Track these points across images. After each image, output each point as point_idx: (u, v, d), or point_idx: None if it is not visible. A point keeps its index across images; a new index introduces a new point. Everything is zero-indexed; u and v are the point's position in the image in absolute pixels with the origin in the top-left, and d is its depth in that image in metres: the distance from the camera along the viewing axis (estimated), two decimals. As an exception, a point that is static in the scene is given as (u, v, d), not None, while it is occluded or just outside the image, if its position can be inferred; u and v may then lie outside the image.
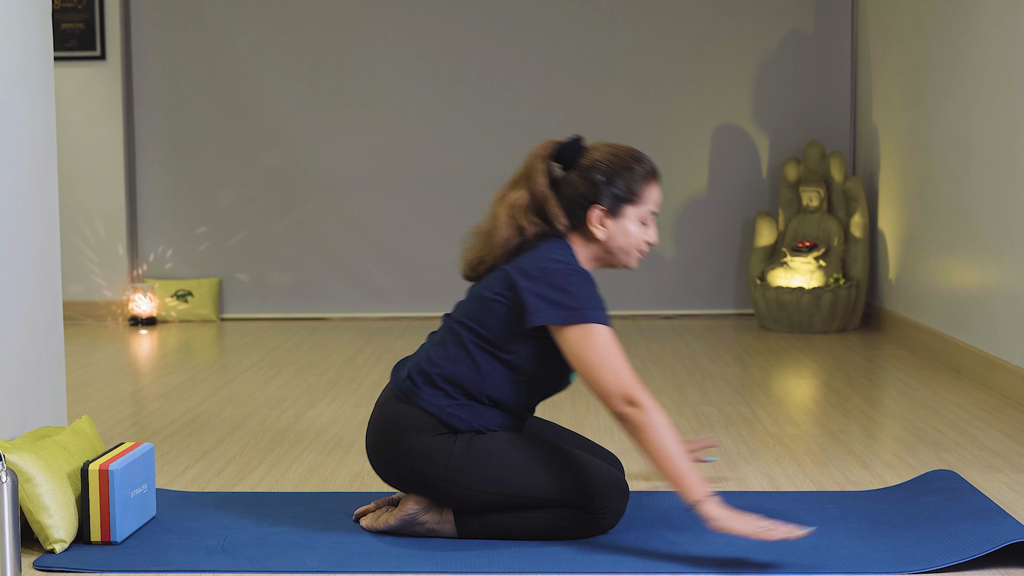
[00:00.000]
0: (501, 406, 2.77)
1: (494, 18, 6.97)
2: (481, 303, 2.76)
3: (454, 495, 2.73)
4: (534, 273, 2.69)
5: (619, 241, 2.78)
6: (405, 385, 2.78)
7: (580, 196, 2.76)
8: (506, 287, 2.72)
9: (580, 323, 2.62)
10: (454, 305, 2.91)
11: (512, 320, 2.70)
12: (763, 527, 2.52)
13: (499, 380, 2.74)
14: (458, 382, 2.74)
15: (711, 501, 2.55)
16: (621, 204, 2.76)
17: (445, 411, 2.73)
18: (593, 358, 2.61)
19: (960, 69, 5.09)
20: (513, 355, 2.72)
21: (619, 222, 2.77)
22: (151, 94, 7.03)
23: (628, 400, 2.58)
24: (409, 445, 2.73)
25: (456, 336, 2.78)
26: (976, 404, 4.36)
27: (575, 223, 2.78)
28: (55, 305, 3.15)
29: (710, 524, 2.54)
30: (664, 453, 2.55)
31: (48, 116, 3.12)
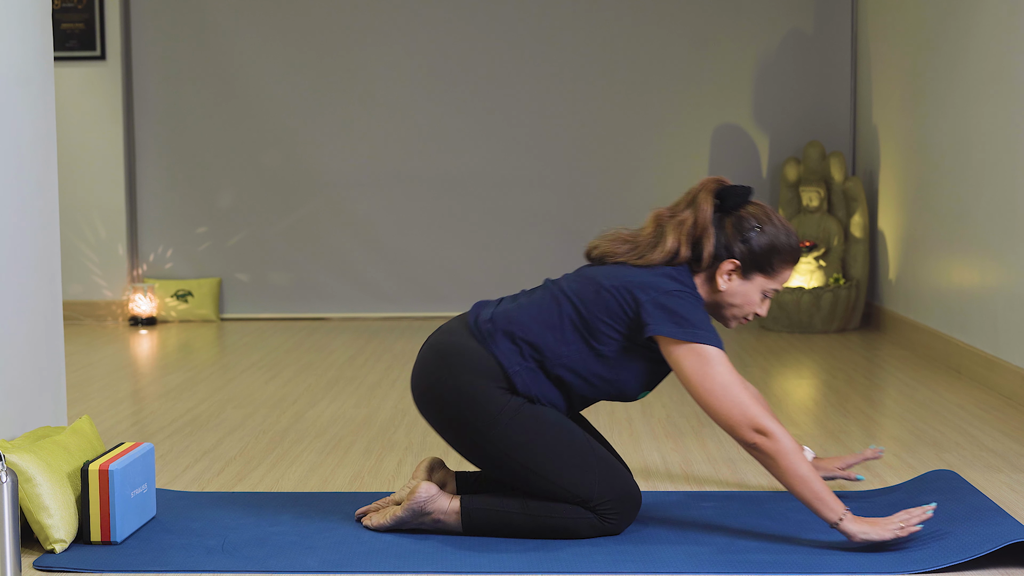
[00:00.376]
0: (565, 388, 2.77)
1: (494, 18, 6.97)
2: (595, 289, 2.75)
3: (481, 449, 2.74)
4: (660, 286, 2.70)
5: (735, 300, 2.80)
6: (485, 327, 2.79)
7: (724, 243, 2.77)
8: (627, 291, 2.72)
9: (696, 342, 2.63)
10: (561, 275, 2.89)
11: (618, 319, 2.71)
12: (902, 525, 2.57)
13: (577, 363, 2.74)
14: (538, 347, 2.74)
15: (848, 518, 2.59)
16: (755, 270, 2.78)
17: (513, 367, 2.74)
18: (714, 386, 2.62)
19: (960, 69, 5.09)
20: (603, 347, 2.73)
21: (745, 284, 2.79)
22: (151, 94, 7.03)
23: (756, 429, 2.60)
24: (465, 383, 2.74)
25: (556, 304, 2.77)
26: (976, 404, 4.36)
27: (707, 263, 2.79)
28: (55, 305, 3.15)
29: (852, 539, 2.59)
30: (799, 479, 2.59)
31: (48, 116, 3.12)
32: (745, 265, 2.77)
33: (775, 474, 2.62)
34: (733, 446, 3.75)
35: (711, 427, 4.03)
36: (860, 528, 2.59)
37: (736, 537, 2.78)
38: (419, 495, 2.78)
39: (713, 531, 2.82)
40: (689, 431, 3.97)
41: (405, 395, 4.66)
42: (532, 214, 7.04)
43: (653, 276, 2.73)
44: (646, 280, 2.72)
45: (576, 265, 7.03)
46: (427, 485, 2.79)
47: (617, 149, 7.00)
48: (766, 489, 3.24)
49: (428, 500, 2.78)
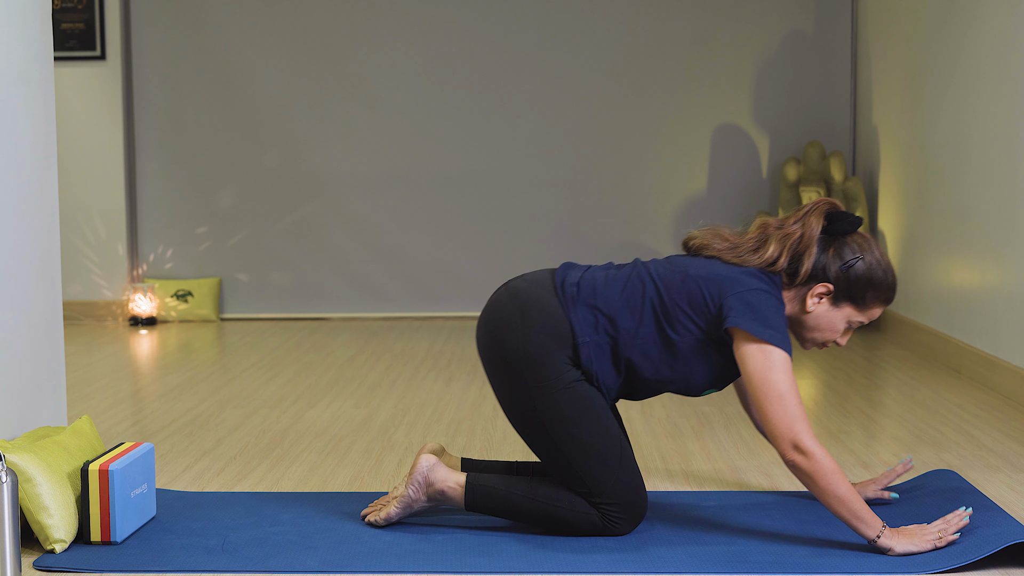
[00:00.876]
0: (632, 372, 2.76)
1: (494, 18, 6.97)
2: (682, 277, 2.75)
3: (522, 406, 2.75)
4: (748, 284, 2.71)
5: (818, 324, 2.79)
6: (570, 290, 2.78)
7: (823, 264, 2.76)
8: (714, 283, 2.72)
9: (768, 343, 2.63)
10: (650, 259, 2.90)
11: (699, 310, 2.71)
12: (940, 535, 2.59)
13: (649, 347, 2.74)
14: (615, 324, 2.74)
15: (885, 533, 2.60)
16: (847, 299, 2.77)
17: (583, 338, 2.74)
18: (771, 392, 2.62)
19: (960, 69, 5.09)
20: (677, 336, 2.72)
21: (832, 311, 2.78)
22: (151, 94, 7.03)
23: (796, 446, 2.60)
24: (533, 338, 2.74)
25: (641, 285, 2.77)
26: (976, 404, 4.36)
27: (802, 280, 2.78)
28: (55, 305, 3.15)
29: (890, 553, 2.60)
30: (835, 498, 2.59)
31: (48, 116, 3.12)
32: (838, 291, 2.76)
33: (813, 492, 2.62)
34: (732, 446, 3.75)
35: (711, 427, 4.03)
36: (899, 543, 2.60)
37: (736, 537, 2.78)
38: (421, 465, 2.82)
39: (713, 531, 2.82)
40: (689, 431, 3.97)
41: (405, 395, 4.66)
42: (532, 214, 7.04)
43: (743, 274, 2.74)
44: (735, 276, 2.73)
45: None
46: (427, 456, 2.83)
47: (617, 149, 7.00)
48: (766, 489, 3.24)
49: (430, 469, 2.81)
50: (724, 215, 6.95)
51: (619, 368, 2.76)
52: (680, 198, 6.97)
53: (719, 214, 6.94)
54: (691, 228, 2.96)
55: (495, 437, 3.92)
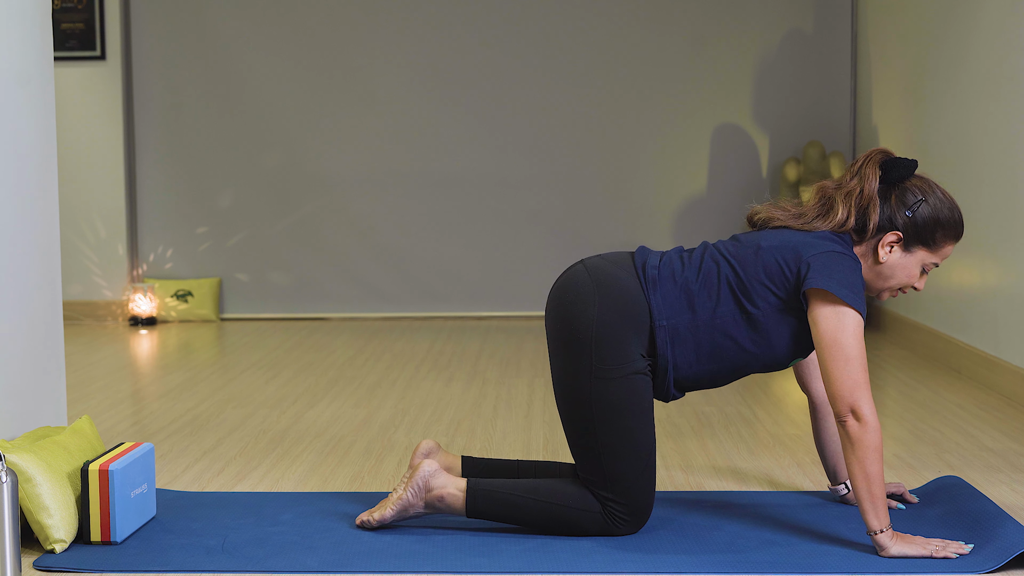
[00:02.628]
0: (719, 356, 2.75)
1: (494, 18, 6.97)
2: (754, 251, 2.75)
3: (573, 381, 2.74)
4: (824, 247, 2.70)
5: (894, 272, 2.78)
6: (651, 272, 2.78)
7: (889, 214, 2.76)
8: (790, 250, 2.71)
9: (845, 303, 2.62)
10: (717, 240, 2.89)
11: (776, 279, 2.71)
12: (936, 548, 2.59)
13: (731, 325, 2.73)
14: (693, 305, 2.74)
15: (888, 533, 2.61)
16: (918, 242, 2.77)
17: (661, 320, 2.73)
18: (839, 353, 2.61)
19: (960, 69, 5.09)
20: (757, 310, 2.72)
21: (906, 256, 2.78)
22: (151, 94, 7.03)
23: (854, 411, 2.60)
24: (607, 319, 2.73)
25: (715, 265, 2.76)
26: (976, 404, 4.36)
27: (872, 234, 2.78)
28: (55, 305, 3.15)
29: (882, 553, 2.61)
30: (865, 474, 2.59)
31: (48, 116, 3.12)
32: (908, 237, 2.75)
33: (847, 458, 2.61)
34: (733, 447, 3.75)
35: (711, 427, 4.03)
36: (895, 545, 2.60)
37: (736, 537, 2.78)
38: (422, 471, 2.81)
39: (713, 531, 2.82)
40: (689, 431, 3.96)
41: (405, 395, 4.66)
42: (532, 214, 7.04)
43: (816, 238, 2.74)
44: (809, 240, 2.73)
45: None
46: (428, 462, 2.82)
47: (617, 149, 7.00)
48: (766, 489, 3.24)
49: (431, 475, 2.80)
50: (724, 215, 6.95)
51: (700, 353, 2.75)
52: (680, 198, 6.97)
53: (719, 214, 6.95)
54: (691, 228, 2.97)
55: (495, 437, 3.92)
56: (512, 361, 5.48)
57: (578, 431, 2.77)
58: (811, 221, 2.80)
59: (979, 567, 2.53)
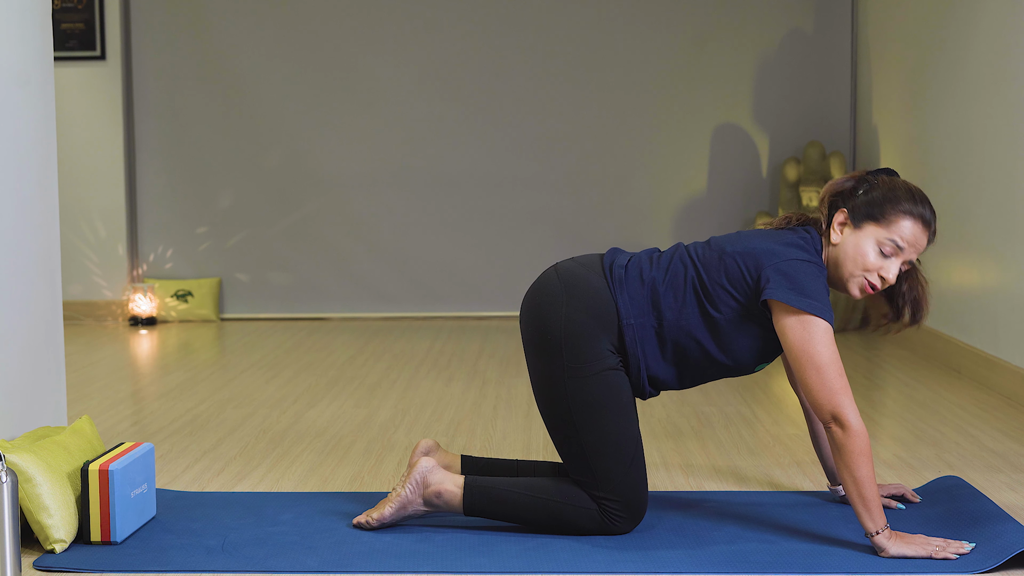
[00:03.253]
0: (680, 355, 2.76)
1: (494, 18, 6.97)
2: (719, 255, 2.76)
3: (549, 383, 2.75)
4: (784, 254, 2.70)
5: (847, 254, 2.74)
6: (618, 272, 2.79)
7: (840, 196, 2.77)
8: (750, 256, 2.72)
9: (808, 312, 2.62)
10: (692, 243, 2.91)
11: (737, 285, 2.71)
12: (936, 548, 2.59)
13: (695, 328, 2.73)
14: (659, 307, 2.75)
15: (885, 533, 2.61)
16: (865, 218, 2.73)
17: (628, 319, 2.74)
18: (812, 362, 2.61)
19: (960, 69, 5.09)
20: (719, 314, 2.72)
21: (855, 234, 2.74)
22: (151, 94, 7.03)
23: (835, 418, 2.60)
24: (577, 319, 2.75)
25: (683, 267, 2.78)
26: (976, 404, 4.36)
27: (826, 219, 2.79)
28: (55, 305, 3.15)
29: (882, 553, 2.61)
30: (856, 479, 2.59)
31: (48, 116, 3.12)
32: (855, 214, 2.74)
33: (836, 464, 2.62)
34: (732, 446, 3.75)
35: (711, 427, 4.03)
36: (894, 545, 2.60)
37: (736, 537, 2.78)
38: (420, 467, 2.82)
39: (713, 531, 2.82)
40: (689, 431, 3.96)
41: (405, 395, 4.66)
42: (532, 214, 7.04)
43: (779, 244, 2.74)
44: (772, 248, 2.73)
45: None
46: (426, 459, 2.84)
47: (617, 149, 7.00)
48: (766, 489, 3.24)
49: (429, 471, 2.81)
50: (724, 215, 6.95)
51: (665, 352, 2.76)
52: (680, 198, 6.97)
53: (719, 214, 6.95)
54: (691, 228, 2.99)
55: (495, 437, 3.92)
56: (512, 361, 5.48)
57: (561, 433, 2.78)
58: (778, 224, 2.85)
59: (979, 567, 2.53)
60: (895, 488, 3.04)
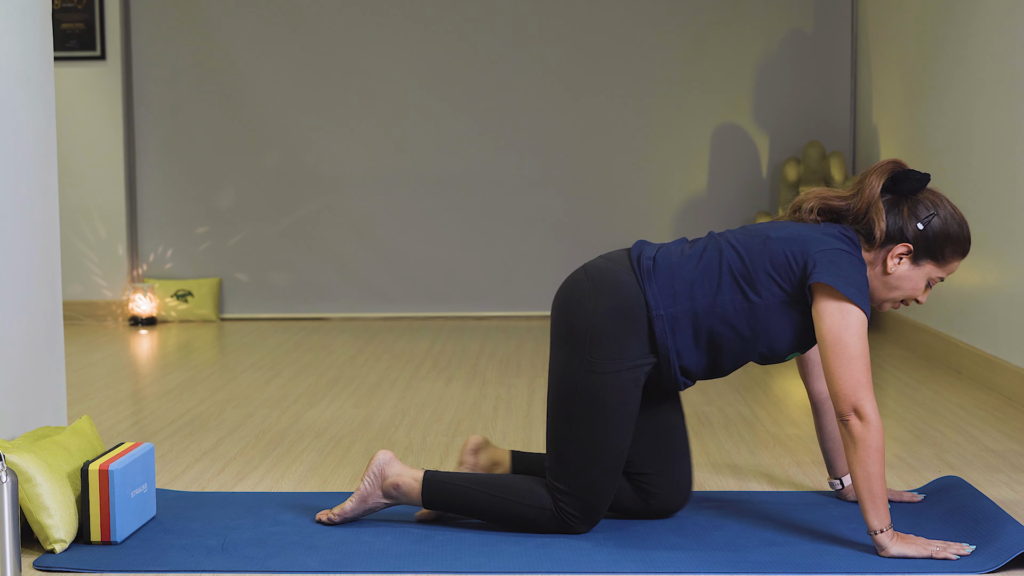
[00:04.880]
0: (715, 345, 2.74)
1: (494, 18, 6.97)
2: (762, 240, 2.75)
3: (569, 375, 2.74)
4: (831, 244, 2.70)
5: (900, 284, 2.77)
6: (646, 263, 2.78)
7: (900, 225, 2.75)
8: (797, 243, 2.71)
9: (849, 301, 2.62)
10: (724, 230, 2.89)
11: (782, 270, 2.70)
12: (936, 548, 2.59)
13: (730, 314, 2.72)
14: (694, 295, 2.73)
15: (889, 533, 2.61)
16: (927, 256, 2.76)
17: (658, 310, 2.72)
18: (842, 352, 2.61)
19: (960, 69, 5.09)
20: (760, 299, 2.71)
21: (914, 270, 2.76)
22: (151, 94, 7.03)
23: (855, 409, 2.59)
24: (604, 313, 2.73)
25: (719, 253, 2.76)
26: (976, 404, 4.36)
27: (880, 242, 2.76)
28: (55, 305, 3.15)
29: (882, 553, 2.61)
30: (866, 474, 2.59)
31: (48, 116, 3.12)
32: (918, 250, 2.75)
33: (848, 457, 2.61)
34: (732, 446, 3.75)
35: (711, 427, 4.03)
36: (895, 545, 2.60)
37: (736, 536, 2.78)
38: (377, 460, 2.85)
39: (713, 531, 2.82)
40: (689, 431, 3.96)
41: (405, 395, 4.66)
42: (532, 214, 7.04)
43: (824, 234, 2.74)
44: (817, 236, 2.73)
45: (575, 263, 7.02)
46: (384, 452, 2.87)
47: (617, 149, 7.00)
48: (766, 489, 3.24)
49: (386, 464, 2.84)
50: (724, 215, 6.95)
51: (699, 342, 2.75)
52: (680, 198, 6.97)
53: (719, 214, 6.95)
54: (691, 228, 2.98)
55: (495, 437, 3.92)
56: (512, 361, 5.48)
57: (557, 419, 2.77)
58: (827, 206, 2.81)
59: (979, 567, 2.53)
60: (894, 496, 3.04)
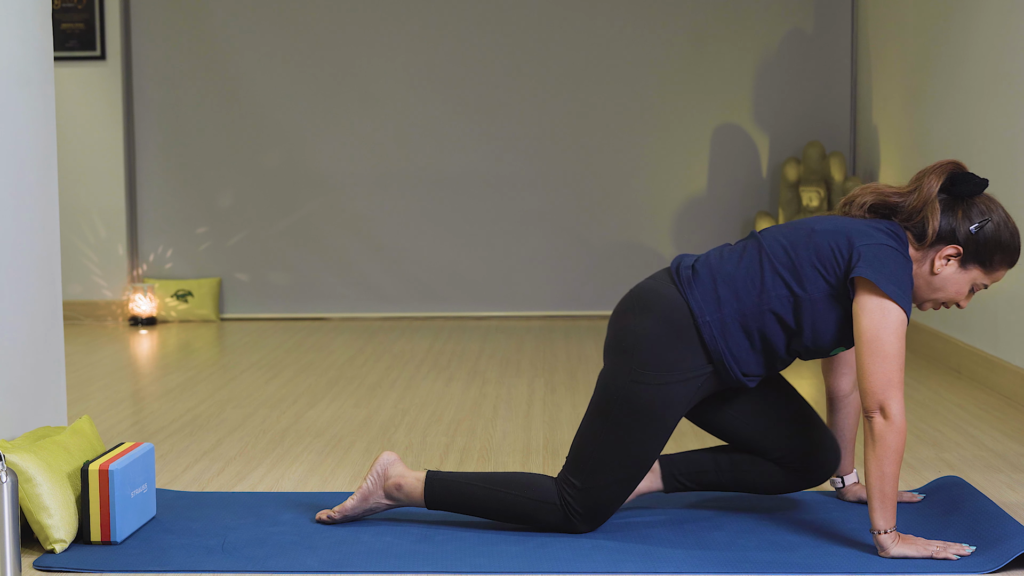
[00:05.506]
0: (766, 341, 2.74)
1: (494, 18, 6.97)
2: (807, 233, 2.74)
3: (614, 379, 2.74)
4: (877, 239, 2.68)
5: (945, 285, 2.76)
6: (685, 273, 2.77)
7: (952, 227, 2.73)
8: (843, 235, 2.70)
9: (892, 299, 2.61)
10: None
11: (828, 263, 2.69)
12: (936, 548, 2.59)
13: (778, 308, 2.71)
14: (739, 295, 2.72)
15: (892, 534, 2.61)
16: (975, 261, 2.74)
17: (704, 317, 2.72)
18: (877, 349, 2.60)
19: (960, 69, 5.09)
20: (806, 293, 2.70)
21: (960, 273, 2.75)
22: (151, 94, 7.03)
23: (883, 408, 2.59)
24: (650, 328, 2.73)
25: (760, 251, 2.76)
26: (976, 404, 4.36)
27: (930, 241, 2.75)
28: (55, 305, 3.15)
29: (882, 553, 2.61)
30: (882, 473, 2.59)
31: (48, 116, 3.12)
32: (967, 253, 2.73)
33: (866, 454, 2.60)
34: (733, 446, 3.75)
35: (711, 427, 4.03)
36: (896, 547, 2.60)
37: (736, 537, 2.78)
38: (381, 460, 2.85)
39: (713, 531, 2.82)
40: (690, 431, 3.96)
41: (405, 395, 4.66)
42: (532, 214, 7.04)
43: (871, 228, 2.72)
44: (864, 229, 2.71)
45: (575, 263, 6.99)
46: (388, 453, 2.87)
47: (617, 149, 7.00)
48: (766, 489, 3.24)
49: (389, 464, 2.84)
50: (724, 215, 6.95)
51: (753, 343, 2.74)
52: (680, 198, 6.97)
53: (719, 214, 6.95)
54: (691, 228, 2.97)
55: (495, 437, 3.92)
56: (512, 361, 5.48)
57: (593, 418, 2.77)
58: (881, 202, 2.79)
59: (979, 568, 2.53)
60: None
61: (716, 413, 2.90)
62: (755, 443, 2.89)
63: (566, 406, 4.39)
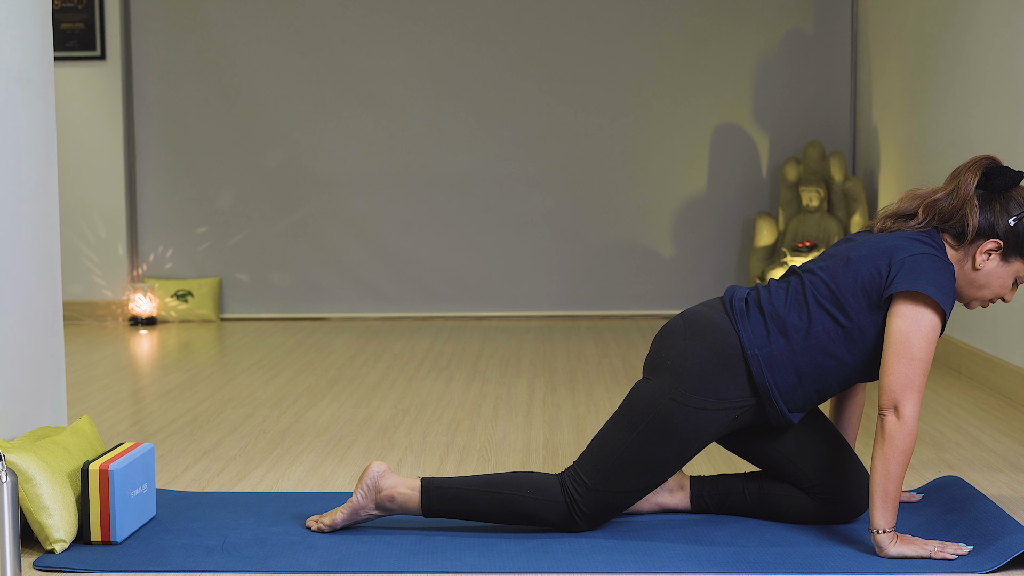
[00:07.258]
0: (823, 375, 2.72)
1: (494, 18, 6.97)
2: (844, 262, 2.73)
3: (651, 392, 2.73)
4: (913, 249, 2.68)
5: (988, 281, 2.75)
6: (739, 305, 2.77)
7: (990, 222, 2.72)
8: (881, 255, 2.69)
9: (927, 305, 2.60)
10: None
11: (871, 285, 2.68)
12: (935, 548, 2.59)
13: (824, 340, 2.70)
14: (785, 327, 2.72)
15: (891, 534, 2.61)
16: (1017, 253, 2.73)
17: (752, 350, 2.72)
18: (907, 348, 2.59)
19: (960, 69, 5.09)
20: (852, 322, 2.69)
21: (1002, 266, 2.74)
22: (151, 94, 7.03)
23: (896, 406, 2.59)
24: (698, 352, 2.73)
25: (800, 284, 2.76)
26: (976, 404, 4.36)
27: (970, 239, 2.74)
28: (55, 305, 3.15)
29: (880, 553, 2.61)
30: (887, 472, 2.58)
31: (48, 116, 3.12)
32: (1008, 247, 2.72)
33: (874, 452, 2.60)
34: (733, 446, 3.75)
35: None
36: (895, 547, 2.60)
37: (736, 537, 2.78)
38: (371, 472, 2.81)
39: (713, 531, 2.82)
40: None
41: (405, 395, 4.66)
42: (532, 214, 7.04)
43: (906, 240, 2.71)
44: (898, 243, 2.70)
45: (575, 263, 7.00)
46: (378, 463, 2.83)
47: (617, 149, 7.00)
48: (766, 489, 3.24)
49: (380, 476, 2.81)
50: (724, 215, 6.95)
51: (802, 376, 2.72)
52: (680, 198, 6.97)
53: (719, 214, 6.95)
54: (691, 228, 2.97)
55: (495, 437, 3.92)
56: (512, 361, 5.48)
57: (619, 422, 2.76)
58: (895, 223, 2.77)
59: (979, 568, 2.53)
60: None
61: (751, 438, 2.88)
62: (788, 470, 2.87)
63: (566, 406, 4.39)
